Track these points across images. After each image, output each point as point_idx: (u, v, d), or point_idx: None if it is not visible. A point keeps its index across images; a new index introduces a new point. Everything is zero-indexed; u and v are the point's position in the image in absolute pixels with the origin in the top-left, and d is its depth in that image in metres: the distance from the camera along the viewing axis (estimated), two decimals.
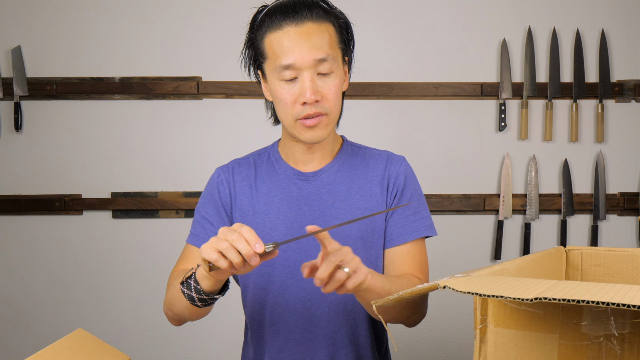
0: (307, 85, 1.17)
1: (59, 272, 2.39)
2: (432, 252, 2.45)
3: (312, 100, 1.17)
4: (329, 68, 1.19)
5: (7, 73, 2.36)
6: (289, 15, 1.18)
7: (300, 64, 1.17)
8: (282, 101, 1.20)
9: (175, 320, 1.25)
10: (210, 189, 1.34)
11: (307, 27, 1.17)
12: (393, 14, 2.42)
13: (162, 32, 2.39)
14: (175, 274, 1.26)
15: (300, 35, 1.17)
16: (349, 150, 1.34)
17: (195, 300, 1.10)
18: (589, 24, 2.44)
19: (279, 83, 1.19)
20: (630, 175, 2.47)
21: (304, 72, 1.17)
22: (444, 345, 2.45)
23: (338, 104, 1.24)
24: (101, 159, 2.40)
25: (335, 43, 1.21)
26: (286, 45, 1.17)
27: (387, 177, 1.30)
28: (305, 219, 1.27)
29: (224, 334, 2.40)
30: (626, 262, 1.22)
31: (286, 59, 1.17)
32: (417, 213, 1.30)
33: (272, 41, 1.18)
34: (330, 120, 1.23)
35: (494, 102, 2.44)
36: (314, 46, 1.17)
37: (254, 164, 1.34)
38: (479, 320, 0.84)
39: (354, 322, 1.28)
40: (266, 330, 1.30)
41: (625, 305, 0.64)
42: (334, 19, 1.22)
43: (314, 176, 1.30)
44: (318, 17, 1.19)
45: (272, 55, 1.19)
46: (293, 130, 1.23)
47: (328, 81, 1.20)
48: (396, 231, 1.28)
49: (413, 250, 1.29)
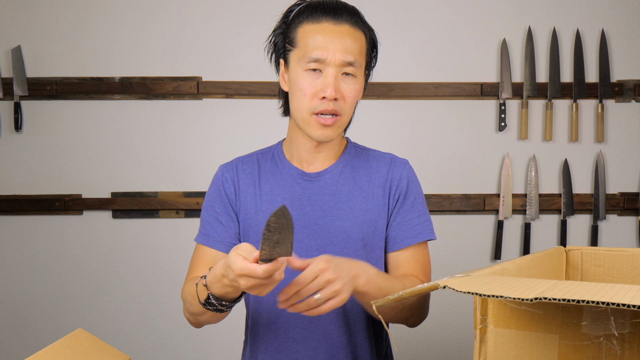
0: (330, 82, 1.19)
1: (59, 272, 2.39)
2: (432, 252, 2.43)
3: (332, 96, 1.19)
4: (354, 72, 1.22)
5: (7, 73, 2.36)
6: (330, 12, 1.22)
7: (329, 60, 1.19)
8: (301, 91, 1.22)
9: (198, 326, 1.30)
10: (216, 187, 1.34)
11: (344, 28, 1.21)
12: (393, 14, 2.42)
13: (162, 32, 2.39)
14: (186, 285, 1.26)
15: (335, 33, 1.20)
16: (353, 151, 1.35)
17: (224, 310, 1.16)
18: (589, 24, 2.44)
19: (303, 73, 1.21)
20: (630, 175, 2.47)
21: (329, 69, 1.20)
22: (444, 345, 2.45)
23: (352, 108, 1.27)
24: (101, 159, 2.40)
25: (364, 52, 1.25)
26: (320, 39, 1.20)
27: (389, 180, 1.31)
28: (307, 219, 1.27)
29: (225, 333, 2.40)
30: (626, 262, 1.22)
31: (317, 52, 1.19)
32: (420, 217, 1.31)
33: (307, 31, 1.21)
34: (342, 122, 1.25)
35: (494, 102, 2.44)
36: (346, 48, 1.20)
37: (258, 163, 1.35)
38: (479, 320, 0.84)
39: (351, 323, 1.29)
40: (265, 329, 1.30)
41: (625, 305, 0.64)
42: (367, 31, 1.27)
43: (318, 176, 1.30)
44: (355, 23, 1.23)
45: (303, 44, 1.22)
46: (305, 124, 1.24)
47: (350, 83, 1.22)
48: (400, 235, 1.29)
49: (417, 253, 1.29)
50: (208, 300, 1.12)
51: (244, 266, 0.96)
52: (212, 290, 1.10)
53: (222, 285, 1.06)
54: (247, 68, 2.38)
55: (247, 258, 0.97)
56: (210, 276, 1.09)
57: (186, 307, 1.25)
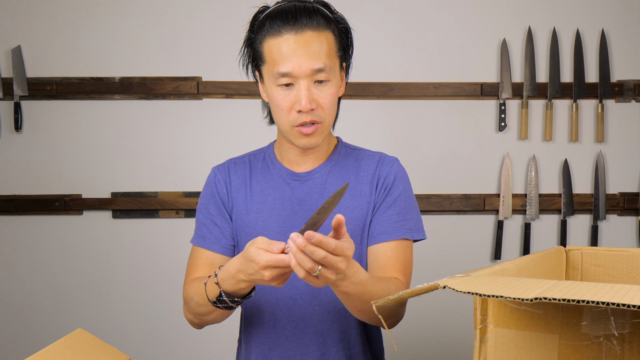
0: (303, 94, 1.18)
1: (59, 272, 2.39)
2: (432, 252, 2.46)
3: (307, 108, 1.18)
4: (326, 77, 1.20)
5: (7, 73, 2.36)
6: (289, 22, 1.18)
7: (297, 73, 1.17)
8: (278, 107, 1.22)
9: (200, 327, 1.30)
10: (210, 189, 1.35)
11: (307, 35, 1.18)
12: (393, 14, 2.42)
13: (162, 32, 2.39)
14: (190, 285, 1.26)
15: (299, 44, 1.17)
16: (343, 151, 1.35)
17: (235, 306, 1.16)
18: (589, 24, 2.44)
19: (276, 88, 1.20)
20: (630, 175, 2.47)
21: (300, 81, 1.18)
22: (444, 345, 2.45)
23: (333, 112, 1.25)
24: (101, 159, 2.40)
25: (334, 52, 1.22)
26: (284, 53, 1.17)
27: (377, 177, 1.31)
28: (297, 218, 1.28)
29: (224, 333, 2.40)
30: (626, 262, 1.22)
31: (284, 66, 1.17)
32: (401, 214, 1.28)
33: (271, 47, 1.19)
34: (325, 127, 1.24)
35: (494, 102, 2.44)
36: (312, 56, 1.17)
37: (249, 164, 1.36)
38: (479, 320, 0.84)
39: (344, 320, 1.29)
40: (258, 327, 1.31)
41: (625, 305, 0.64)
42: (334, 26, 1.23)
43: (307, 176, 1.31)
44: (318, 25, 1.19)
45: (270, 60, 1.20)
46: (289, 136, 1.24)
47: (324, 90, 1.21)
48: (377, 229, 1.28)
49: (396, 249, 1.27)
50: (220, 297, 1.13)
51: (271, 257, 0.98)
52: (224, 287, 1.11)
53: (235, 281, 1.08)
54: None
55: (270, 250, 0.99)
56: (223, 273, 1.11)
57: (191, 308, 1.24)
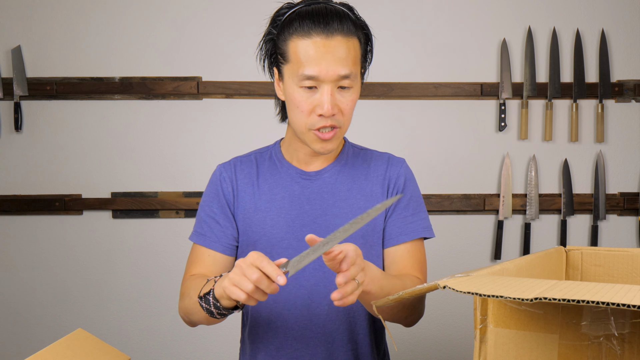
0: (327, 99, 1.17)
1: (59, 272, 2.39)
2: (432, 252, 2.45)
3: (329, 113, 1.17)
4: (349, 83, 1.19)
5: (7, 73, 2.36)
6: (319, 24, 1.16)
7: (323, 77, 1.16)
8: (298, 108, 1.20)
9: (191, 325, 1.28)
10: (214, 187, 1.34)
11: (336, 40, 1.16)
12: (393, 14, 2.42)
13: (162, 32, 2.39)
14: (189, 280, 1.26)
15: (327, 48, 1.15)
16: (351, 151, 1.35)
17: (215, 314, 1.12)
18: (589, 24, 2.44)
19: (298, 89, 1.18)
20: (630, 175, 2.47)
21: (324, 85, 1.17)
22: (444, 345, 2.45)
23: (351, 117, 1.25)
24: (101, 159, 2.39)
25: (359, 59, 1.22)
26: (312, 56, 1.15)
27: (387, 178, 1.32)
28: (306, 218, 1.28)
29: (224, 333, 2.40)
30: (626, 262, 1.22)
31: (310, 69, 1.16)
32: (415, 214, 1.31)
33: (298, 47, 1.17)
34: (342, 133, 1.24)
35: (494, 102, 2.44)
36: (340, 61, 1.16)
37: (256, 162, 1.35)
38: (479, 320, 0.84)
39: (353, 321, 1.29)
40: (265, 327, 1.31)
41: (625, 305, 0.64)
42: (360, 32, 1.22)
43: (317, 175, 1.31)
44: (348, 31, 1.18)
45: (295, 60, 1.18)
46: (304, 137, 1.23)
47: (346, 96, 1.20)
48: (394, 231, 1.30)
49: (413, 250, 1.30)
50: (207, 294, 1.10)
51: (264, 257, 0.96)
52: (217, 289, 1.08)
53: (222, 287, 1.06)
54: (247, 68, 2.38)
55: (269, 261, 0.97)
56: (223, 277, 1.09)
57: (184, 304, 1.24)
